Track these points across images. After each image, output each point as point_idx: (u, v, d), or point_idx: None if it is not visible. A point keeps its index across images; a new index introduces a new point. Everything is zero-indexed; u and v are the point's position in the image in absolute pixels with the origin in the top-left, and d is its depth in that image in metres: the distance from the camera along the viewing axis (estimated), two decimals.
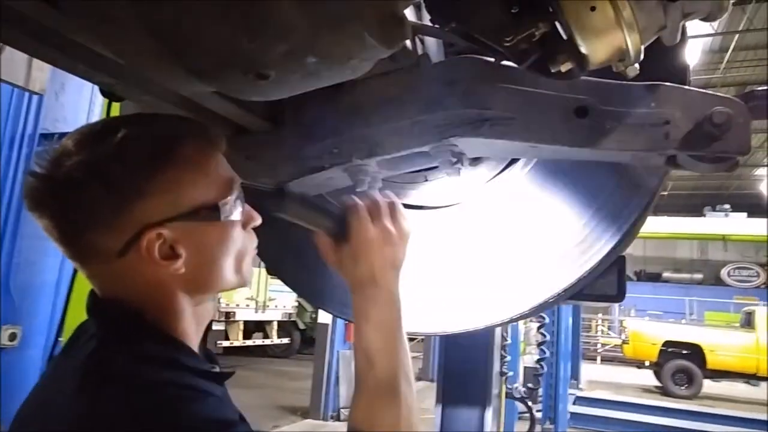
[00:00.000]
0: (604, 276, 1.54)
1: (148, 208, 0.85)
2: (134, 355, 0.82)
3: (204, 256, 0.90)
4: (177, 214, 0.86)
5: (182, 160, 0.88)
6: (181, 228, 0.86)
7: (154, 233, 0.84)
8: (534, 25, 0.92)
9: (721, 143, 0.98)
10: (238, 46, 0.73)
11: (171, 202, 0.86)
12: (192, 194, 0.88)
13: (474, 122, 1.15)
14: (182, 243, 0.87)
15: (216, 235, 0.91)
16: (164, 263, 0.86)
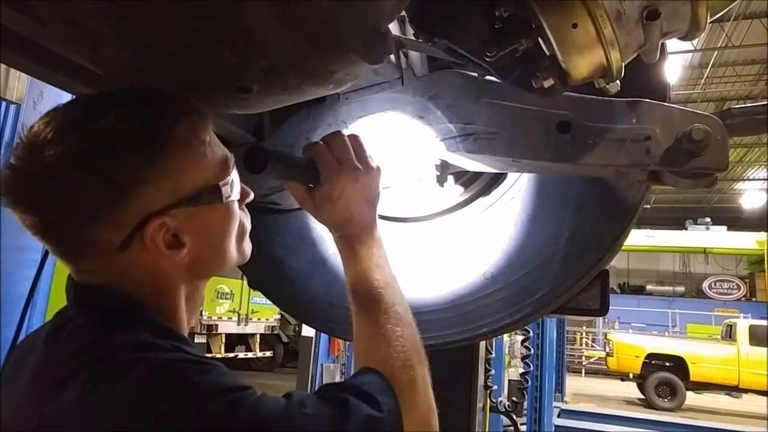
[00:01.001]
0: (588, 290, 1.54)
1: (148, 197, 0.78)
2: (137, 344, 0.76)
3: (208, 240, 0.86)
4: (179, 200, 0.81)
5: (179, 142, 0.81)
6: (184, 214, 0.81)
7: (158, 223, 0.79)
8: (517, 41, 0.93)
9: (699, 159, 0.99)
10: (220, 60, 0.73)
11: (171, 188, 0.80)
12: (192, 177, 0.82)
13: (457, 136, 1.15)
14: (186, 230, 0.82)
15: (218, 217, 0.87)
16: (170, 253, 0.81)
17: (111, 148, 0.76)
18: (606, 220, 1.37)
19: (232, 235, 0.90)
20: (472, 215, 1.53)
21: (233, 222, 0.89)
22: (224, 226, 0.88)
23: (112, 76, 0.88)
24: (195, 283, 0.90)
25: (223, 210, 0.87)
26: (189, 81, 0.79)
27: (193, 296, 0.91)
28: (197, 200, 0.82)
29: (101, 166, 0.76)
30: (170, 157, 0.80)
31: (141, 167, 0.78)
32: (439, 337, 1.51)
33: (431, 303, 1.51)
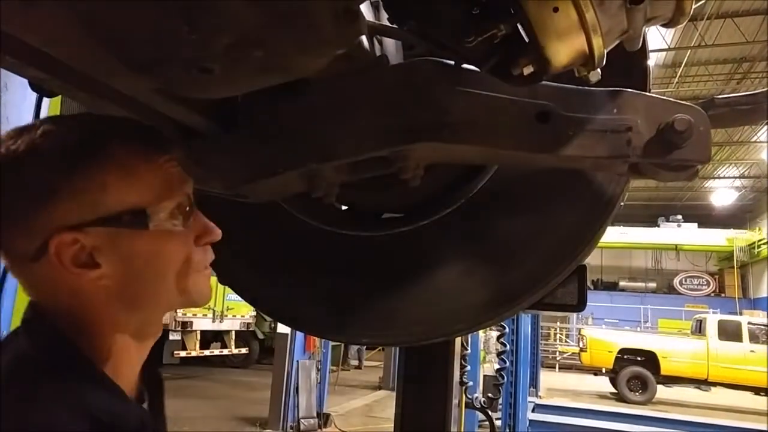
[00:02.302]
0: (565, 285, 1.52)
1: (63, 209, 0.77)
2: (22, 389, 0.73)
3: (134, 267, 0.81)
4: (96, 218, 0.78)
5: (107, 160, 0.79)
6: (102, 234, 0.78)
7: (69, 237, 0.77)
8: (495, 27, 0.89)
9: (682, 151, 0.96)
10: (177, 36, 0.67)
11: (90, 203, 0.78)
12: (116, 197, 0.79)
13: (432, 127, 1.11)
14: (103, 251, 0.79)
15: (147, 246, 0.82)
16: (77, 271, 0.78)
17: (36, 154, 0.77)
18: (584, 214, 1.35)
19: (168, 269, 0.84)
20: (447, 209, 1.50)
21: (166, 255, 0.84)
22: (154, 258, 0.83)
23: (61, 54, 0.82)
24: (136, 314, 0.84)
25: (153, 239, 0.82)
26: (144, 61, 0.73)
27: (143, 329, 0.87)
28: (117, 222, 0.79)
29: (23, 172, 0.77)
30: (95, 173, 0.78)
31: (60, 178, 0.77)
32: (414, 333, 1.48)
33: (408, 299, 1.48)
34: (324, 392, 10.58)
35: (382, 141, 1.14)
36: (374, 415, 11.59)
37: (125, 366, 0.85)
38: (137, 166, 0.82)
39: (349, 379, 15.86)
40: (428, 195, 1.49)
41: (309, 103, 1.18)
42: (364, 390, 14.51)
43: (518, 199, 1.45)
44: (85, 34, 0.69)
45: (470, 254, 1.46)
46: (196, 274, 0.88)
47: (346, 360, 18.24)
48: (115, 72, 0.79)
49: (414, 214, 1.51)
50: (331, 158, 1.17)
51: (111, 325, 0.82)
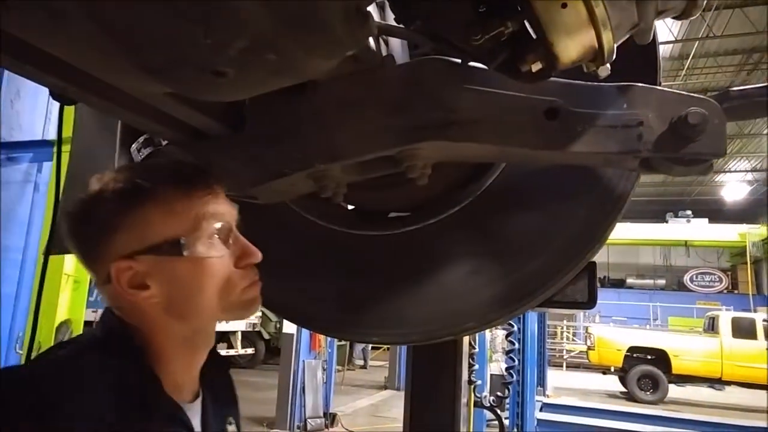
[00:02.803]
0: (575, 282, 1.51)
1: (120, 241, 0.94)
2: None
3: (179, 288, 0.96)
4: (144, 248, 0.94)
5: (152, 200, 0.95)
6: (150, 261, 0.94)
7: (125, 264, 0.93)
8: (502, 24, 0.89)
9: (696, 145, 0.96)
10: (193, 42, 0.68)
11: (138, 236, 0.94)
12: (159, 230, 0.94)
13: (440, 125, 1.11)
14: (151, 275, 0.94)
15: (185, 270, 0.96)
16: (132, 292, 0.94)
17: (99, 199, 0.96)
18: (594, 210, 1.35)
19: (210, 289, 0.97)
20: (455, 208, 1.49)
21: (210, 277, 0.97)
22: (197, 279, 0.97)
23: (81, 62, 0.82)
24: (186, 325, 0.99)
25: (192, 264, 0.96)
26: (160, 65, 0.74)
27: (193, 338, 1.02)
28: (159, 250, 0.94)
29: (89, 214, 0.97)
30: (141, 210, 0.95)
31: (116, 217, 0.95)
32: (424, 332, 1.48)
33: (417, 297, 1.48)
34: (330, 392, 10.58)
35: (390, 140, 1.14)
36: (380, 414, 11.57)
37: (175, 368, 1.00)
38: (175, 203, 0.97)
39: (355, 379, 15.85)
40: (436, 193, 1.49)
41: (316, 104, 1.18)
42: (369, 390, 14.50)
43: (527, 196, 1.45)
44: (105, 43, 0.69)
45: (479, 252, 1.46)
46: (239, 294, 1.01)
47: (352, 360, 18.22)
48: (131, 77, 0.80)
49: (422, 213, 1.52)
50: (339, 158, 1.17)
51: (164, 333, 0.98)
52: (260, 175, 1.21)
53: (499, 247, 1.45)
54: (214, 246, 0.98)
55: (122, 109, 1.06)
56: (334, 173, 1.20)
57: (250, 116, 1.22)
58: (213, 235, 0.98)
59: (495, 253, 1.45)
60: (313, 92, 1.17)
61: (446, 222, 1.49)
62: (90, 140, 1.80)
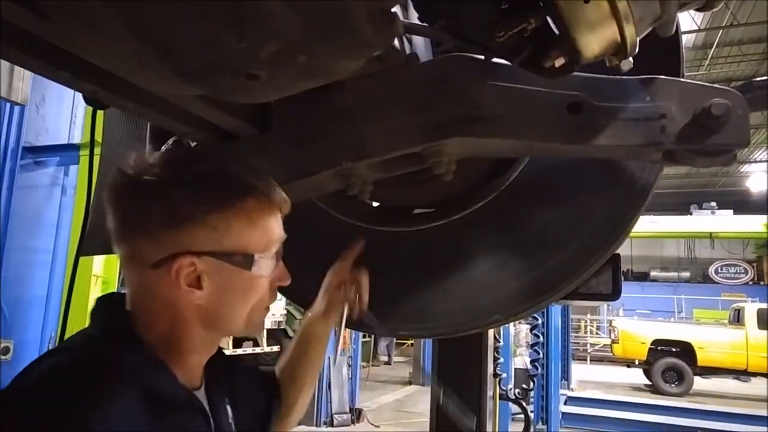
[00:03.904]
0: (599, 275, 1.52)
1: (193, 236, 0.93)
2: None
3: (224, 296, 0.97)
4: (215, 251, 0.93)
5: (239, 209, 0.95)
6: (213, 264, 0.94)
7: (189, 260, 0.92)
8: (525, 21, 0.90)
9: (719, 136, 0.96)
10: (226, 46, 0.70)
11: (215, 238, 0.94)
12: (236, 239, 0.95)
13: (465, 121, 1.13)
14: (210, 278, 0.94)
15: (241, 283, 0.97)
16: (186, 289, 0.93)
17: (187, 187, 0.93)
18: (618, 203, 1.35)
19: (248, 304, 1.00)
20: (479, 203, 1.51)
21: (254, 294, 1.00)
22: (243, 293, 0.98)
23: (116, 68, 0.86)
24: (210, 332, 1.01)
25: (248, 278, 0.98)
26: (195, 70, 0.77)
27: (212, 340, 1.04)
28: (230, 258, 0.95)
29: (171, 197, 0.92)
30: (226, 215, 0.94)
31: (200, 211, 0.93)
32: (451, 325, 1.49)
33: (443, 291, 1.50)
34: (356, 388, 10.64)
35: (415, 138, 1.16)
36: (405, 409, 11.61)
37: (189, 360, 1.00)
38: (260, 218, 0.98)
39: (380, 375, 15.92)
40: (461, 189, 1.51)
41: (342, 104, 1.20)
42: (394, 385, 14.54)
43: (550, 190, 1.46)
44: (141, 49, 0.72)
45: (504, 246, 1.47)
46: (261, 313, 1.04)
47: (376, 356, 18.29)
48: (165, 81, 0.83)
49: (447, 209, 1.53)
50: (366, 156, 1.19)
51: (187, 331, 0.98)
52: (288, 175, 1.23)
53: (523, 241, 1.46)
54: (271, 266, 1.01)
55: (152, 112, 1.09)
56: (361, 171, 1.22)
57: (277, 117, 1.25)
58: (273, 256, 1.01)
59: (519, 246, 1.46)
60: (339, 92, 1.19)
61: (471, 217, 1.50)
62: (119, 143, 1.84)
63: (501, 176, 1.47)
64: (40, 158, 5.60)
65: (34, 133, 5.61)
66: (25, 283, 5.33)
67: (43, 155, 5.61)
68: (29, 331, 5.26)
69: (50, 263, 5.46)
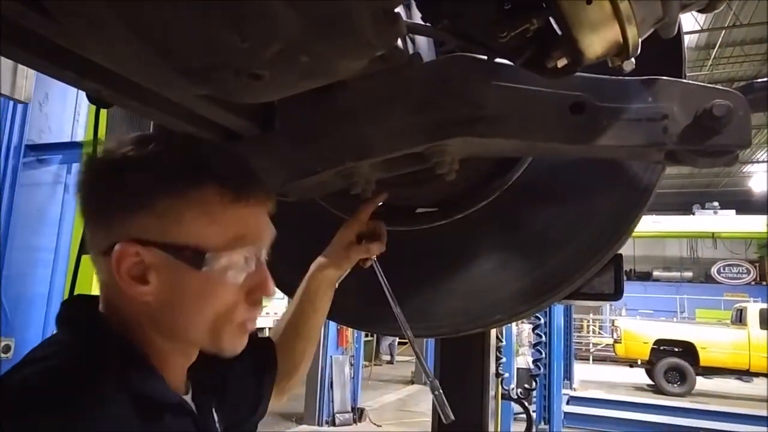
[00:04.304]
0: (601, 275, 1.52)
1: (140, 224, 0.82)
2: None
3: (174, 296, 0.84)
4: (162, 242, 0.82)
5: (194, 197, 0.83)
6: (161, 257, 0.82)
7: (133, 249, 0.82)
8: (528, 21, 0.90)
9: (721, 136, 0.97)
10: (229, 46, 0.71)
11: (162, 228, 0.82)
12: (187, 231, 0.83)
13: (468, 121, 1.13)
14: (156, 272, 0.83)
15: (195, 284, 0.84)
16: (127, 281, 0.82)
17: (140, 168, 0.83)
18: (620, 202, 1.36)
19: (205, 312, 0.85)
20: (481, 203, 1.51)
21: (212, 300, 0.85)
22: (198, 298, 0.85)
23: (121, 67, 0.86)
24: (168, 341, 0.88)
25: (203, 281, 0.84)
26: (198, 69, 0.78)
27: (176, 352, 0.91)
28: (177, 253, 0.82)
29: (123, 179, 0.83)
30: (178, 204, 0.83)
31: (149, 196, 0.82)
32: (453, 324, 1.50)
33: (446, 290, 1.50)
34: (358, 387, 10.65)
35: (418, 137, 1.16)
36: (408, 409, 11.62)
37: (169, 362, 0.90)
38: (218, 212, 0.85)
39: (382, 374, 15.93)
40: (463, 189, 1.51)
41: (345, 103, 1.20)
42: (397, 384, 14.56)
43: (552, 190, 1.46)
44: (145, 49, 0.73)
45: (506, 246, 1.47)
46: (233, 328, 0.89)
47: (378, 355, 18.31)
48: (169, 81, 0.83)
49: (449, 209, 1.54)
50: (368, 156, 1.19)
51: (147, 333, 0.87)
52: (291, 174, 1.24)
53: (525, 241, 1.47)
54: (236, 269, 0.86)
55: (156, 111, 1.09)
56: (364, 170, 1.23)
57: (280, 116, 1.25)
58: (241, 258, 0.86)
59: (521, 246, 1.47)
60: (342, 91, 1.20)
61: (473, 217, 1.51)
62: None
63: (503, 176, 1.48)
64: (43, 156, 5.61)
65: (37, 131, 5.62)
66: (28, 281, 5.35)
67: (46, 153, 5.63)
68: (31, 329, 5.27)
69: (52, 261, 5.48)
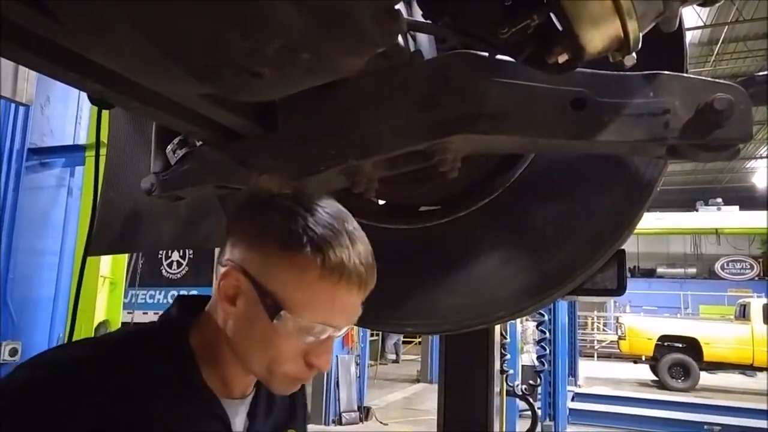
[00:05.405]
0: (604, 270, 1.52)
1: (252, 257, 0.91)
2: None
3: (245, 327, 0.93)
4: (257, 280, 0.90)
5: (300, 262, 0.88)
6: (251, 292, 0.91)
7: (237, 275, 0.91)
8: (528, 17, 0.90)
9: (722, 130, 0.97)
10: (231, 43, 0.71)
11: (265, 269, 0.90)
12: (278, 282, 0.90)
13: (469, 118, 1.13)
14: (244, 301, 0.92)
15: (263, 328, 0.91)
16: (222, 296, 0.93)
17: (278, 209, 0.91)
18: (622, 198, 1.36)
19: (265, 353, 0.93)
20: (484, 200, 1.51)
21: (271, 347, 0.92)
22: (262, 339, 0.92)
23: (125, 68, 0.86)
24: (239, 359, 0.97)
25: (268, 328, 0.90)
26: (201, 67, 0.78)
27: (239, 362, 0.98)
28: (263, 297, 0.90)
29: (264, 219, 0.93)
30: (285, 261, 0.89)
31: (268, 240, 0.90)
32: (456, 321, 1.50)
33: (449, 288, 1.50)
34: (364, 386, 10.66)
35: (420, 135, 1.16)
36: (414, 407, 11.62)
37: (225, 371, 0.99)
38: (314, 283, 0.89)
39: (388, 373, 15.94)
40: (465, 186, 1.51)
41: (347, 101, 1.21)
42: (402, 383, 14.57)
43: (555, 186, 1.46)
44: (148, 49, 0.73)
45: (509, 243, 1.48)
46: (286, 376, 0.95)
47: (384, 354, 18.32)
48: (171, 80, 0.83)
49: (452, 206, 1.54)
50: (371, 154, 1.19)
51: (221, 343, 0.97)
52: (294, 172, 1.24)
53: (528, 237, 1.47)
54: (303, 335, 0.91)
55: (158, 112, 1.09)
56: (366, 169, 1.23)
57: (282, 115, 1.26)
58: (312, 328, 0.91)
59: (524, 243, 1.47)
60: (343, 89, 1.20)
61: (476, 214, 1.51)
62: (125, 143, 1.85)
63: (505, 173, 1.48)
64: (45, 159, 5.63)
65: (40, 135, 5.64)
66: (33, 285, 5.37)
67: (49, 156, 5.65)
68: (37, 332, 5.30)
69: (57, 264, 5.50)
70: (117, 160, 1.87)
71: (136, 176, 1.62)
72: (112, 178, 1.88)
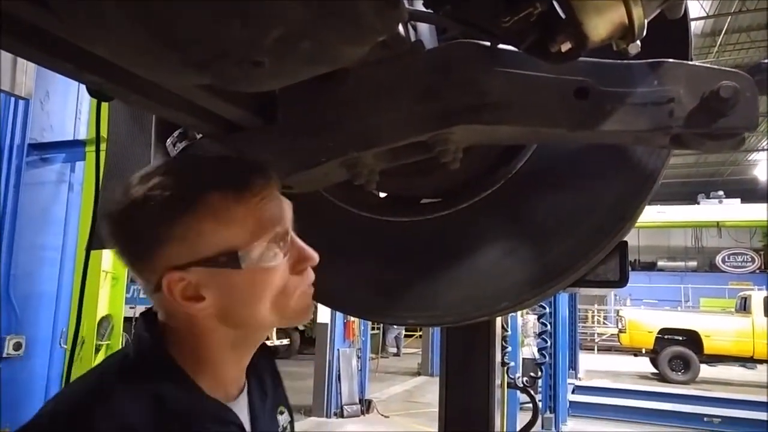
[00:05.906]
0: (606, 262, 1.52)
1: (170, 253, 0.89)
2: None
3: (232, 298, 0.92)
4: (197, 260, 0.88)
5: (203, 209, 0.89)
6: (204, 272, 0.89)
7: (177, 276, 0.88)
8: (531, 5, 0.89)
9: (728, 119, 0.95)
10: (230, 32, 0.70)
11: (189, 248, 0.88)
12: (212, 241, 0.89)
13: (471, 109, 1.12)
14: (206, 286, 0.90)
15: (242, 281, 0.91)
16: (186, 303, 0.90)
17: (146, 209, 0.88)
18: (625, 189, 1.35)
19: (262, 299, 0.93)
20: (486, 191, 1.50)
21: (262, 287, 0.92)
22: (251, 290, 0.92)
23: (123, 58, 0.85)
24: (239, 331, 0.97)
25: (249, 275, 0.91)
26: (200, 58, 0.77)
27: (245, 341, 0.99)
28: (215, 263, 0.89)
29: (131, 225, 0.90)
30: (192, 222, 0.88)
31: (162, 227, 0.88)
32: (458, 313, 1.49)
33: (451, 279, 1.49)
34: (365, 379, 10.70)
35: (421, 126, 1.15)
36: (415, 400, 11.67)
37: (223, 369, 0.98)
38: (229, 211, 0.90)
39: (389, 366, 15.99)
40: (467, 178, 1.50)
41: (347, 92, 1.19)
42: (403, 376, 14.61)
43: (557, 177, 1.45)
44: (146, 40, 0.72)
45: (511, 233, 1.47)
46: (294, 300, 0.97)
47: (385, 347, 18.36)
48: (170, 71, 0.82)
49: (454, 198, 1.53)
50: (372, 145, 1.18)
51: (215, 339, 0.95)
52: (294, 165, 1.22)
53: (530, 229, 1.46)
54: (272, 254, 0.92)
55: (157, 104, 1.08)
56: (367, 161, 1.21)
57: (282, 107, 1.24)
58: (270, 243, 0.92)
59: (527, 234, 1.46)
60: (344, 80, 1.18)
61: (478, 206, 1.50)
62: (125, 137, 1.84)
63: (507, 164, 1.47)
64: (46, 155, 5.62)
65: (39, 130, 5.62)
66: (35, 280, 5.38)
67: (49, 152, 5.63)
68: (40, 326, 5.32)
69: (59, 259, 5.50)
70: (118, 155, 1.86)
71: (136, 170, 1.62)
72: (114, 172, 1.87)
